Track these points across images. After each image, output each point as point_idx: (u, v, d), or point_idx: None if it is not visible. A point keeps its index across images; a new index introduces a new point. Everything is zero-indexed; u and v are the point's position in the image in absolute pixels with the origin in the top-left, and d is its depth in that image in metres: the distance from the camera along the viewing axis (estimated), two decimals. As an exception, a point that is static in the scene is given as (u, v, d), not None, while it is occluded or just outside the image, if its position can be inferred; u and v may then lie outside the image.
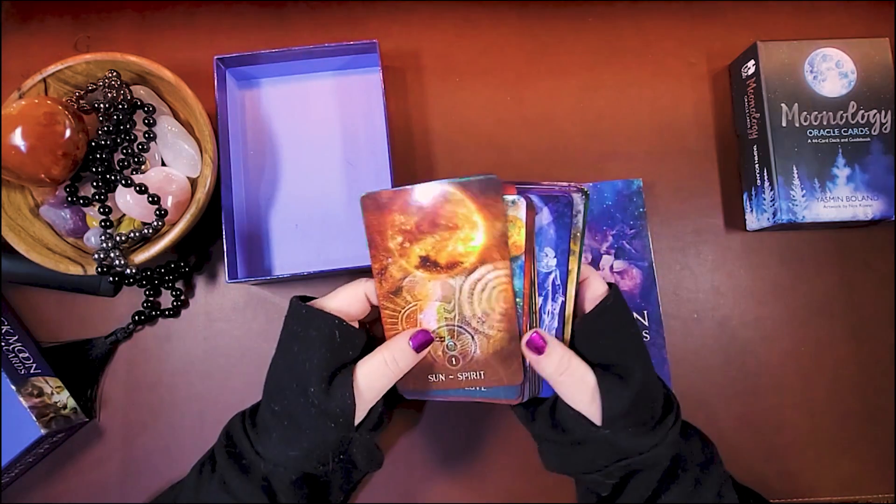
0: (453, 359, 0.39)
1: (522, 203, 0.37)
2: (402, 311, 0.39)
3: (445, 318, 0.38)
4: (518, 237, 0.37)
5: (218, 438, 0.41)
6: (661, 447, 0.37)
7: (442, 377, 0.39)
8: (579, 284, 0.39)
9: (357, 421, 0.37)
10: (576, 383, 0.37)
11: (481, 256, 0.37)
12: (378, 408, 0.39)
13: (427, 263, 0.38)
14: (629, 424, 0.36)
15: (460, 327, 0.38)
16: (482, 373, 0.39)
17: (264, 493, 0.38)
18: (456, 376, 0.39)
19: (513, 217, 0.37)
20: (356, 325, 0.39)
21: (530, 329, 0.38)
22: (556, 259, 0.39)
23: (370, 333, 0.41)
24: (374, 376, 0.37)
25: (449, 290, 0.38)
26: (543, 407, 0.40)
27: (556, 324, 0.39)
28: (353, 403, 0.36)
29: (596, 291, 0.39)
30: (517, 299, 0.37)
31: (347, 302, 0.39)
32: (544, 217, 0.39)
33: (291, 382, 0.38)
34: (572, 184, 0.39)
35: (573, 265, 0.38)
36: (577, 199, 0.38)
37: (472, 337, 0.38)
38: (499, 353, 0.38)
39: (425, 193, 0.37)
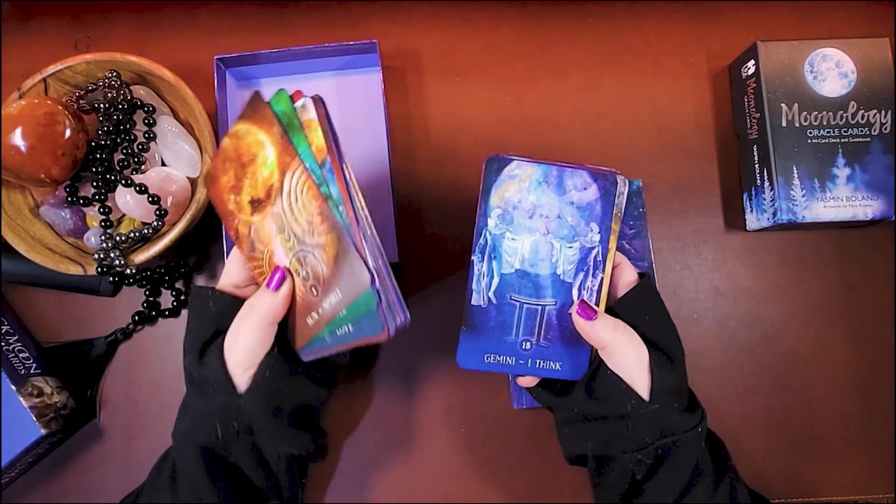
0: (313, 288, 0.37)
1: (310, 102, 0.35)
2: (263, 262, 0.38)
3: (289, 247, 0.37)
4: (318, 139, 0.35)
5: None
6: (699, 428, 0.37)
7: (316, 315, 0.37)
8: (613, 269, 0.40)
9: (242, 384, 0.37)
10: (633, 351, 0.37)
11: (280, 167, 0.36)
12: (267, 373, 0.37)
13: (255, 204, 0.37)
14: (675, 400, 0.37)
15: (302, 251, 0.37)
16: (338, 290, 0.36)
17: (172, 482, 0.39)
18: (322, 308, 0.37)
19: (307, 121, 0.35)
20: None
21: (363, 235, 0.35)
22: (599, 235, 0.39)
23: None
24: (238, 331, 0.36)
25: (279, 219, 0.37)
26: (580, 382, 0.39)
27: (594, 299, 0.39)
28: (221, 364, 0.36)
29: (628, 278, 0.40)
30: (339, 208, 0.35)
31: (231, 270, 0.39)
32: (591, 193, 0.39)
33: (183, 359, 0.39)
34: (614, 170, 0.40)
35: (612, 244, 0.39)
36: (621, 180, 0.39)
37: (314, 254, 0.36)
38: (337, 258, 0.35)
39: (225, 144, 0.37)
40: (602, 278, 0.39)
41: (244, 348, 0.36)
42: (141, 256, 0.47)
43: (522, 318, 0.40)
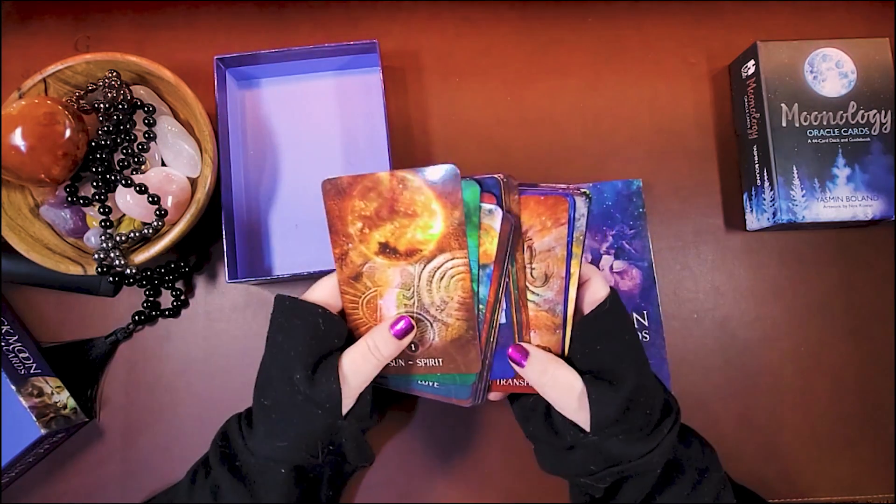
0: (413, 345, 0.39)
1: (498, 213, 0.37)
2: (363, 296, 0.39)
3: (405, 304, 0.39)
4: (489, 246, 0.37)
5: (213, 440, 0.41)
6: (653, 454, 0.36)
7: (402, 362, 0.40)
8: (580, 286, 0.39)
9: (345, 409, 0.37)
10: (562, 390, 0.37)
11: (440, 244, 0.37)
12: (367, 397, 0.38)
13: (386, 250, 0.38)
14: (619, 431, 0.36)
15: (419, 314, 0.39)
16: (440, 360, 0.39)
17: (252, 496, 0.38)
18: (415, 362, 0.40)
19: (487, 226, 0.37)
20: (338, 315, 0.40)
21: (488, 336, 0.38)
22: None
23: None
24: (358, 363, 0.37)
25: (408, 277, 0.38)
26: (539, 409, 0.40)
27: (504, 305, 0.39)
28: (338, 388, 0.36)
29: (596, 294, 0.39)
30: (480, 306, 0.38)
31: (327, 293, 0.39)
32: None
33: (278, 373, 0.38)
34: (573, 186, 0.39)
35: (574, 268, 0.38)
36: (580, 202, 0.38)
37: (431, 324, 0.39)
38: (456, 340, 0.38)
39: (385, 178, 0.37)
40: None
41: (362, 380, 0.37)
42: (141, 256, 0.47)
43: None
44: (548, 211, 0.38)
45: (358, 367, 0.37)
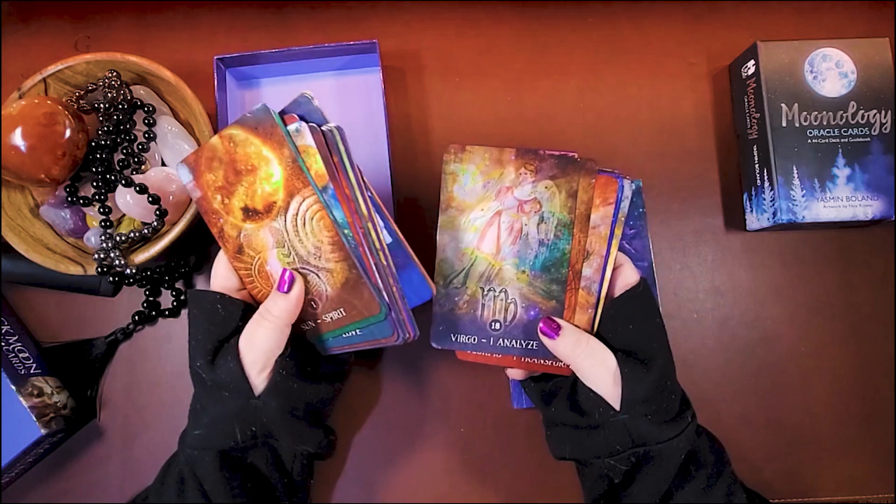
0: (312, 302, 0.38)
1: (305, 128, 0.36)
2: (252, 266, 0.39)
3: (287, 262, 0.38)
4: (318, 165, 0.36)
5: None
6: (679, 439, 0.37)
7: (311, 323, 0.39)
8: (613, 270, 0.40)
9: (258, 386, 0.37)
10: (596, 365, 0.37)
11: (287, 189, 0.36)
12: (283, 372, 0.37)
13: (249, 213, 0.38)
14: (648, 411, 0.37)
15: (303, 268, 0.38)
16: (342, 309, 0.38)
17: (181, 489, 0.38)
18: (322, 319, 0.39)
19: (304, 147, 0.36)
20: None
21: (376, 261, 0.37)
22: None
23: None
24: (254, 334, 0.37)
25: (278, 234, 0.37)
26: (563, 389, 0.40)
27: (381, 222, 0.39)
28: (237, 366, 0.36)
29: (627, 279, 0.39)
30: (345, 231, 0.36)
31: (223, 275, 0.39)
32: None
33: (190, 364, 0.38)
34: (621, 173, 0.40)
35: (614, 248, 0.39)
36: (627, 185, 0.39)
37: (318, 275, 0.37)
38: (345, 284, 0.37)
39: (217, 143, 0.37)
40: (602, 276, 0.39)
41: (261, 350, 0.37)
42: (141, 256, 0.47)
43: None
44: (598, 189, 0.39)
45: (253, 338, 0.37)
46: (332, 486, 0.52)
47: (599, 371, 0.37)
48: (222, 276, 0.39)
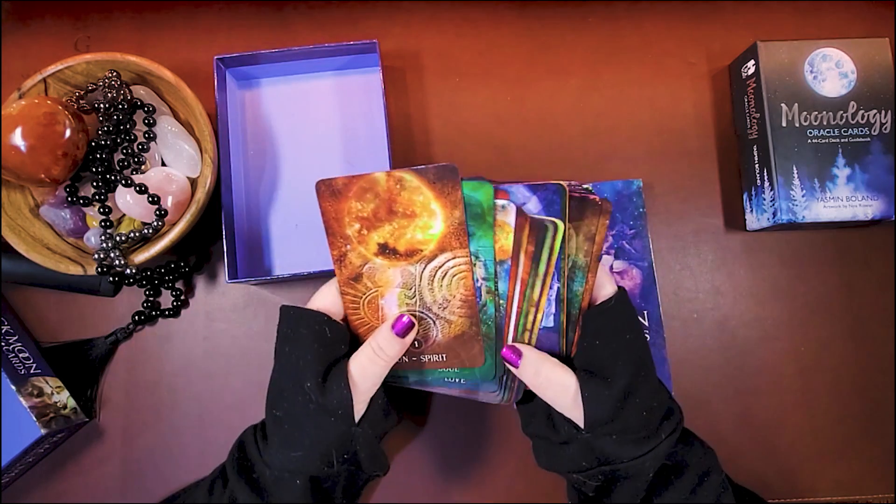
0: (416, 342, 0.39)
1: (512, 208, 0.38)
2: (363, 297, 0.39)
3: (406, 303, 0.39)
4: (505, 241, 0.38)
5: (230, 451, 0.41)
6: (645, 458, 0.36)
7: (405, 358, 0.40)
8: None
9: (358, 415, 0.37)
10: (556, 389, 0.37)
11: (440, 244, 0.37)
12: (378, 401, 0.38)
13: (386, 251, 0.38)
14: (613, 431, 0.36)
15: (422, 312, 0.39)
16: (444, 355, 0.39)
17: None
18: (419, 358, 0.40)
19: (501, 222, 0.38)
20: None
21: (518, 333, 0.38)
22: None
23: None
24: (365, 366, 0.37)
25: (409, 277, 0.38)
26: (540, 411, 0.40)
27: (553, 309, 0.39)
28: (349, 394, 0.36)
29: (602, 290, 0.39)
30: (500, 301, 0.38)
31: (329, 300, 0.39)
32: (533, 205, 0.39)
33: (288, 383, 0.38)
34: (577, 183, 0.39)
35: (592, 264, 0.39)
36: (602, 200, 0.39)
37: (434, 322, 0.39)
38: (459, 336, 0.38)
39: (381, 179, 0.37)
40: (558, 287, 0.39)
41: (371, 383, 0.37)
42: (141, 256, 0.47)
43: None
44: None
45: (366, 370, 0.37)
46: (332, 486, 0.52)
47: (560, 395, 0.37)
48: (328, 301, 0.39)
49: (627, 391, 0.36)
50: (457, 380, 0.40)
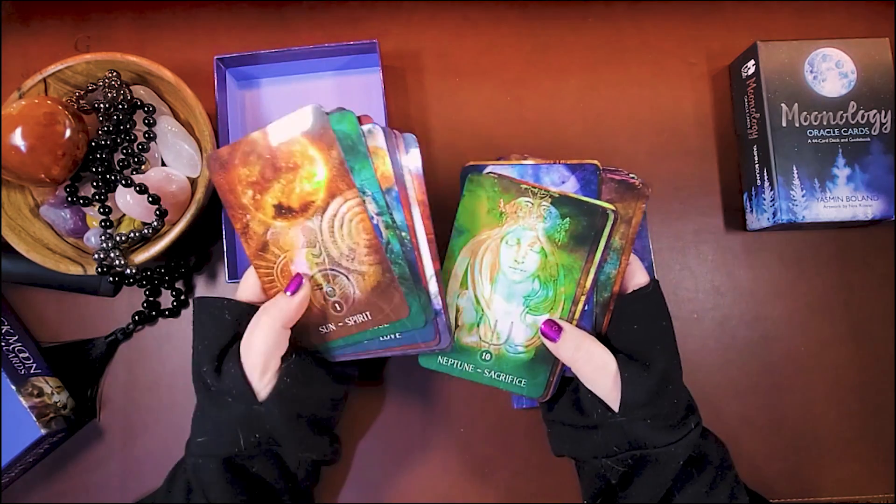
0: (336, 304, 0.38)
1: (378, 130, 0.36)
2: (275, 266, 0.38)
3: (316, 262, 0.37)
4: (385, 167, 0.36)
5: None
6: (677, 445, 0.37)
7: (332, 326, 0.39)
8: (626, 271, 0.40)
9: (262, 391, 0.37)
10: (596, 368, 0.37)
11: (329, 190, 0.36)
12: (289, 379, 0.37)
13: (282, 211, 0.37)
14: (647, 415, 0.36)
15: (333, 270, 0.37)
16: (367, 313, 0.38)
17: (188, 496, 0.38)
18: (344, 322, 0.38)
19: (373, 147, 0.36)
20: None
21: (423, 263, 0.37)
22: None
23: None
24: (252, 337, 0.36)
25: (311, 234, 0.37)
26: (568, 390, 0.40)
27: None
28: (239, 372, 0.36)
29: (637, 280, 0.40)
30: (402, 233, 0.36)
31: (250, 287, 0.39)
32: (569, 186, 0.39)
33: (194, 370, 0.38)
34: (628, 172, 0.40)
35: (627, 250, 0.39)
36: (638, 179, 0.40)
37: (348, 277, 0.37)
38: (376, 288, 0.37)
39: (259, 138, 0.36)
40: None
41: (258, 352, 0.36)
42: (141, 256, 0.47)
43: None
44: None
45: (252, 341, 0.36)
46: (333, 486, 0.52)
47: (599, 374, 0.37)
48: (248, 287, 0.39)
49: (664, 377, 0.37)
50: (391, 336, 0.38)
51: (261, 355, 0.36)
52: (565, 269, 0.38)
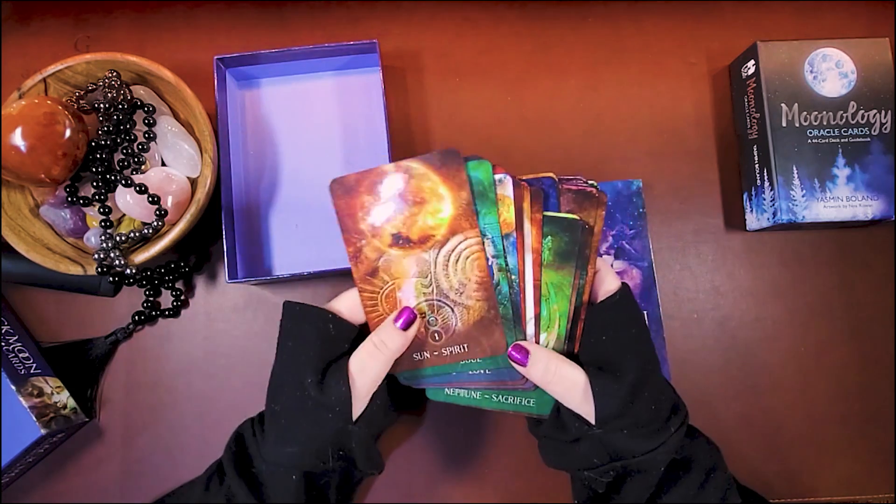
0: (436, 334, 0.39)
1: (508, 181, 0.38)
2: (381, 291, 0.39)
3: (423, 293, 0.39)
4: (508, 214, 0.38)
5: (227, 444, 0.40)
6: (657, 452, 0.36)
7: (426, 354, 0.39)
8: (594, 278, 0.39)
9: (356, 412, 0.37)
10: (565, 385, 0.37)
11: (451, 227, 0.38)
12: (377, 401, 0.38)
13: (399, 240, 0.38)
14: (624, 426, 0.36)
15: (439, 300, 0.39)
16: (465, 345, 0.39)
17: (263, 502, 0.37)
18: (440, 352, 0.39)
19: (501, 195, 0.38)
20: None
21: (525, 306, 0.38)
22: None
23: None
24: (366, 362, 0.37)
25: (424, 265, 0.38)
26: (552, 408, 0.40)
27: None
28: (347, 391, 0.36)
29: (607, 286, 0.39)
30: (512, 276, 0.38)
31: (348, 304, 0.39)
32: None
33: (288, 378, 0.38)
34: (584, 179, 0.40)
35: (591, 261, 0.39)
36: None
37: (452, 309, 0.38)
38: (479, 322, 0.38)
39: (388, 170, 0.38)
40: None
41: (370, 379, 0.37)
42: (141, 256, 0.47)
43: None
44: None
45: (365, 366, 0.37)
46: (332, 486, 0.52)
47: (571, 392, 0.37)
48: (346, 307, 0.39)
49: (636, 385, 0.36)
50: (480, 371, 0.39)
51: (373, 382, 0.37)
52: (555, 286, 0.39)
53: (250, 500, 0.37)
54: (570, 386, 0.37)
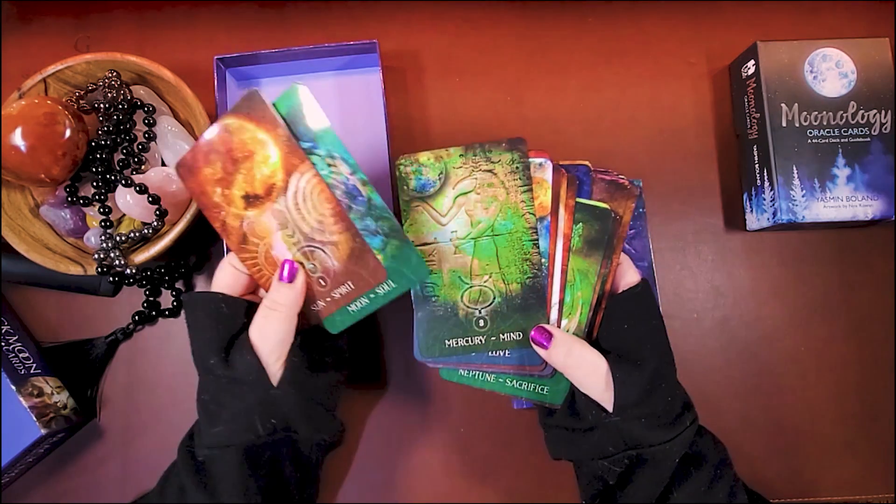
0: (321, 280, 0.39)
1: (549, 165, 0.38)
2: (259, 255, 0.39)
3: (293, 242, 0.38)
4: (544, 198, 0.38)
5: (180, 442, 0.41)
6: (673, 443, 0.37)
7: (321, 303, 0.40)
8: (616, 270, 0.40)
9: (274, 378, 0.37)
10: (587, 372, 0.37)
11: (285, 168, 0.37)
12: (296, 360, 0.38)
13: (250, 199, 0.38)
14: (641, 414, 0.37)
15: (309, 246, 0.38)
16: (349, 283, 0.38)
17: (212, 491, 0.38)
18: (331, 296, 0.39)
19: (539, 178, 0.38)
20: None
21: (552, 290, 0.38)
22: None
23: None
24: (264, 327, 0.37)
25: (281, 216, 0.38)
26: (565, 398, 0.40)
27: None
28: (254, 359, 0.36)
29: (628, 279, 0.40)
30: (543, 260, 0.38)
31: (225, 278, 0.40)
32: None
33: (199, 365, 0.39)
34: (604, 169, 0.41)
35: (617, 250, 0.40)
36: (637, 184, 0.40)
37: (323, 251, 0.38)
38: (351, 255, 0.38)
39: (210, 137, 0.37)
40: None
41: (274, 340, 0.37)
42: (141, 256, 0.47)
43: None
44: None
45: (265, 330, 0.37)
46: (334, 486, 0.52)
47: (591, 377, 0.37)
48: (223, 280, 0.40)
49: (655, 375, 0.37)
50: (503, 353, 0.40)
51: (278, 343, 0.37)
52: (581, 273, 0.39)
53: (196, 487, 0.38)
54: (590, 371, 0.37)
